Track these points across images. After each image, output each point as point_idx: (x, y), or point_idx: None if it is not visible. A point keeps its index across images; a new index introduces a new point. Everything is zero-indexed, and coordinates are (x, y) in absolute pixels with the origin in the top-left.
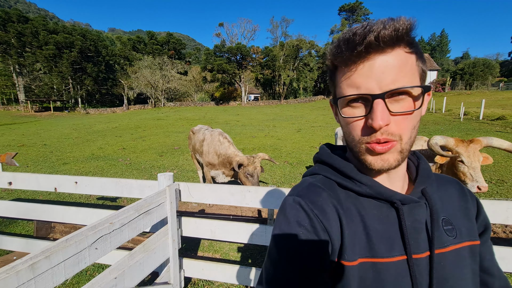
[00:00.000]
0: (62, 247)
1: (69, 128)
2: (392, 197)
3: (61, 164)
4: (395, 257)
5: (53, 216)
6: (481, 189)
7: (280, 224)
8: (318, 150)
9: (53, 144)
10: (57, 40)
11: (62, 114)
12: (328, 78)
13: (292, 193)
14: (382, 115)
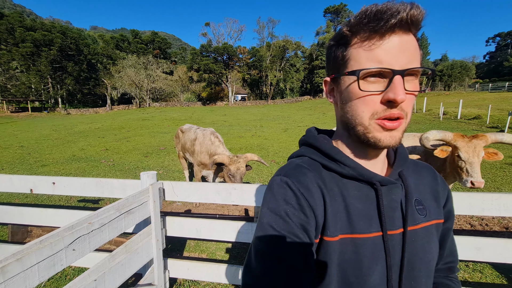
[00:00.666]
0: (36, 249)
1: (49, 129)
2: (372, 179)
3: (39, 166)
4: (372, 233)
5: (29, 219)
6: (475, 184)
7: (268, 202)
8: (305, 134)
9: (31, 146)
10: (35, 38)
11: (41, 114)
12: (332, 52)
13: (279, 173)
14: (403, 90)
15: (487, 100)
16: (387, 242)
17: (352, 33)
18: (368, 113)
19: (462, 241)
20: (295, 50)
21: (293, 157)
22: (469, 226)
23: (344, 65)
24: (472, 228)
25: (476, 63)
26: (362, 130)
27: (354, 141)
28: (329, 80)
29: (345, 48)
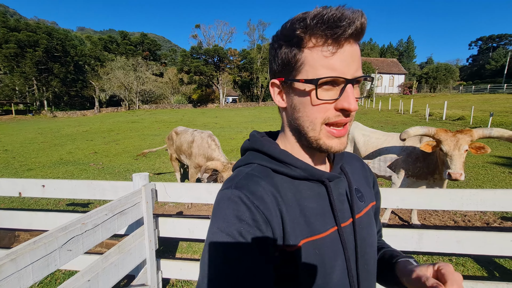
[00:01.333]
0: (30, 249)
1: (34, 132)
2: (322, 177)
3: (25, 170)
4: (328, 230)
5: (18, 223)
6: (452, 175)
7: (218, 221)
8: (249, 138)
9: (16, 150)
10: (20, 39)
11: (25, 117)
12: (281, 52)
13: (228, 185)
14: (354, 98)
15: (470, 102)
16: (342, 235)
17: (306, 35)
18: (321, 119)
19: (443, 234)
20: None
21: (240, 166)
22: (452, 223)
23: (297, 69)
24: (455, 224)
25: (460, 66)
26: (315, 137)
27: (303, 145)
28: (277, 83)
29: (297, 51)
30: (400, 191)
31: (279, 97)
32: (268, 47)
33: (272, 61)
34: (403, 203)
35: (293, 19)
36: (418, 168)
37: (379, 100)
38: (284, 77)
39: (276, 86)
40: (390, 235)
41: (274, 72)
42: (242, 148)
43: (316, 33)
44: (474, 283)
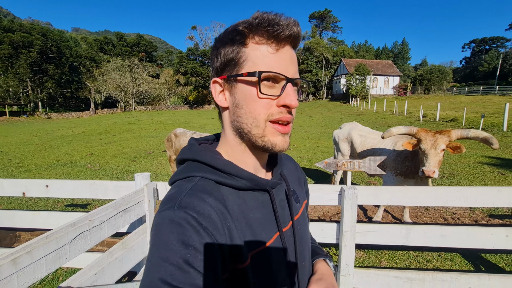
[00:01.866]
0: (43, 243)
1: (29, 134)
2: (266, 185)
3: (21, 171)
4: (273, 238)
5: (20, 222)
6: (425, 172)
7: (159, 248)
8: (187, 147)
9: (11, 151)
10: (14, 39)
11: (19, 119)
12: (223, 51)
13: (169, 205)
14: (295, 95)
15: (463, 103)
16: (284, 239)
17: (250, 33)
18: (264, 115)
19: (430, 230)
20: None
21: (179, 179)
22: (442, 220)
23: (240, 65)
24: (445, 222)
25: (454, 67)
26: (259, 134)
27: (246, 147)
28: (220, 81)
29: (241, 48)
30: (390, 189)
31: (221, 96)
32: (214, 45)
33: (214, 61)
34: (392, 200)
35: (235, 24)
36: (406, 167)
37: (374, 102)
38: (226, 75)
39: (219, 85)
40: (381, 231)
41: (216, 71)
42: (179, 158)
43: (259, 31)
44: (458, 275)
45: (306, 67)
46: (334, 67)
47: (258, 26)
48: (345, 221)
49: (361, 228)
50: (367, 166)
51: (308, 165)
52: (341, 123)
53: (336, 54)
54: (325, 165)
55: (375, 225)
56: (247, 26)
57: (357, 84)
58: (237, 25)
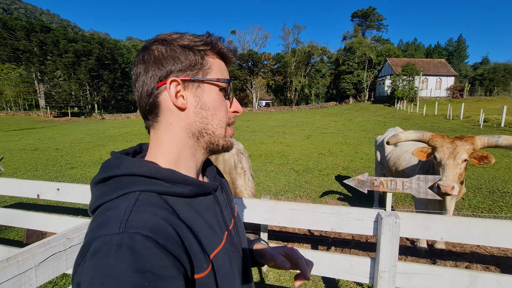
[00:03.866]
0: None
1: (83, 133)
2: (210, 188)
3: (68, 168)
4: (224, 237)
5: (36, 224)
6: (441, 188)
7: (104, 284)
8: (114, 161)
9: (65, 149)
10: (76, 49)
11: (79, 119)
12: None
13: (112, 226)
14: None
15: None
16: (231, 237)
17: (214, 49)
18: (225, 119)
19: (504, 279)
20: (321, 56)
21: (110, 199)
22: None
23: (205, 71)
24: (480, 252)
25: None
26: (222, 134)
27: (196, 150)
28: (179, 81)
29: (205, 56)
30: (446, 219)
31: (180, 97)
32: (159, 49)
33: (168, 61)
34: (451, 236)
35: (187, 33)
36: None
37: (424, 104)
38: (190, 77)
39: (178, 85)
40: (432, 275)
41: (171, 71)
42: (101, 177)
43: (220, 52)
44: None
45: (347, 68)
46: (378, 67)
47: (219, 47)
48: (383, 258)
49: (404, 268)
50: (415, 188)
51: (344, 173)
52: (384, 127)
53: (380, 53)
54: (357, 183)
55: (423, 266)
56: (210, 43)
57: (403, 86)
58: (197, 37)
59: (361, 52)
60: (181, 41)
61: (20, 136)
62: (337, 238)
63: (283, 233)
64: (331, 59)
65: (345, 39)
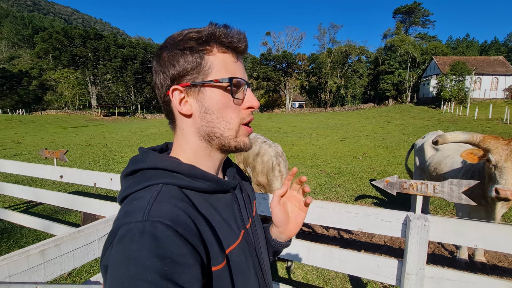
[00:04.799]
0: (72, 238)
1: (128, 131)
2: (228, 186)
3: (115, 163)
4: (240, 236)
5: (92, 208)
6: (500, 192)
7: (130, 267)
8: (141, 156)
9: (113, 145)
10: (124, 54)
11: (124, 118)
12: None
13: (136, 215)
14: (255, 97)
15: None
16: (248, 236)
17: (213, 43)
18: (237, 119)
19: None
20: (359, 55)
21: (136, 190)
22: None
23: (204, 73)
24: None
25: None
26: (232, 135)
27: (211, 151)
28: (181, 88)
29: (203, 55)
30: (481, 226)
31: (184, 104)
32: (163, 56)
33: (169, 68)
34: (486, 243)
35: (190, 30)
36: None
37: (475, 107)
38: (190, 82)
39: (180, 92)
40: (464, 282)
41: (173, 79)
42: (129, 170)
43: (223, 42)
44: None
45: (387, 68)
46: (423, 66)
47: (222, 37)
48: (410, 260)
49: (432, 272)
50: (447, 192)
51: (379, 178)
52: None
53: (425, 52)
54: (386, 185)
55: (456, 272)
56: (209, 37)
57: (452, 86)
58: (199, 33)
59: (403, 50)
60: (181, 44)
61: (76, 133)
62: (368, 242)
63: (312, 233)
64: (369, 58)
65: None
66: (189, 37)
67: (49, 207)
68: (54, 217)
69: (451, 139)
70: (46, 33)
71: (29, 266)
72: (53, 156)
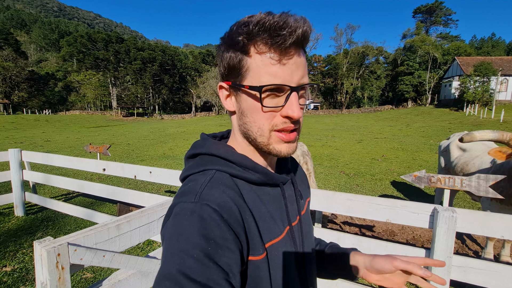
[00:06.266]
0: (138, 217)
1: (147, 131)
2: (278, 180)
3: (139, 160)
4: (284, 231)
5: (131, 199)
6: None
7: (179, 241)
8: (201, 141)
9: (135, 144)
10: (143, 56)
11: (142, 119)
12: (227, 56)
13: (189, 197)
14: (298, 106)
15: None
16: (293, 233)
17: (250, 42)
18: (268, 125)
19: None
20: (376, 56)
21: (193, 173)
22: None
23: (242, 75)
24: None
25: None
26: (264, 142)
27: (254, 149)
28: (225, 86)
29: (242, 56)
30: (507, 218)
31: (229, 100)
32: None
33: (220, 64)
34: (511, 234)
35: (239, 22)
36: (501, 189)
37: (502, 109)
38: (231, 81)
39: (225, 89)
40: (490, 270)
41: (222, 75)
42: (192, 153)
43: (258, 40)
44: None
45: (406, 69)
46: (444, 67)
47: (257, 35)
48: (438, 249)
49: (459, 261)
50: (474, 186)
51: (400, 180)
52: (449, 134)
53: (447, 52)
54: (414, 179)
55: (482, 262)
56: (247, 35)
57: (475, 87)
58: (239, 28)
59: (423, 51)
60: (229, 39)
61: (99, 132)
62: (390, 240)
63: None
64: (387, 59)
65: (405, 38)
66: (236, 31)
67: (85, 199)
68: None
69: (480, 137)
70: (71, 37)
71: (109, 237)
72: (97, 151)
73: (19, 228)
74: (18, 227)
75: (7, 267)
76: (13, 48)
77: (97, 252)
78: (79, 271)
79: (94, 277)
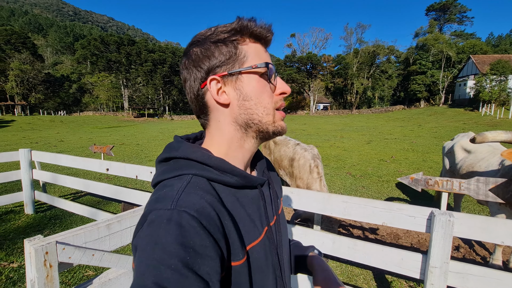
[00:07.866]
0: (130, 216)
1: (157, 132)
2: (256, 182)
3: (147, 160)
4: (263, 232)
5: (134, 199)
6: None
7: (155, 251)
8: (175, 144)
9: (144, 144)
10: (154, 58)
11: (153, 119)
12: (217, 49)
13: (165, 204)
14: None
15: None
16: (271, 233)
17: (245, 34)
18: (272, 103)
19: None
20: (388, 55)
21: (167, 178)
22: None
23: (240, 60)
24: None
25: None
26: (271, 120)
27: (245, 141)
28: (218, 78)
29: (237, 46)
30: (509, 223)
31: (222, 93)
32: (194, 51)
33: (204, 61)
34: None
35: (218, 25)
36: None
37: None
38: (227, 71)
39: (217, 83)
40: (489, 277)
41: (208, 71)
42: (163, 157)
43: (254, 32)
44: None
45: (418, 68)
46: (458, 66)
47: (251, 28)
48: (434, 254)
49: (457, 267)
50: (473, 189)
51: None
52: None
53: (462, 50)
54: (411, 181)
55: (482, 268)
56: (241, 28)
57: (492, 87)
58: (231, 25)
59: (437, 49)
60: (213, 37)
61: (110, 133)
62: (394, 243)
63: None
64: (399, 58)
65: (418, 36)
66: (220, 30)
67: (92, 198)
68: (96, 207)
69: (492, 138)
70: (85, 40)
71: (99, 236)
72: (101, 151)
73: (28, 225)
74: (27, 225)
75: (14, 263)
76: (31, 52)
77: (86, 251)
78: (81, 269)
79: (96, 275)
